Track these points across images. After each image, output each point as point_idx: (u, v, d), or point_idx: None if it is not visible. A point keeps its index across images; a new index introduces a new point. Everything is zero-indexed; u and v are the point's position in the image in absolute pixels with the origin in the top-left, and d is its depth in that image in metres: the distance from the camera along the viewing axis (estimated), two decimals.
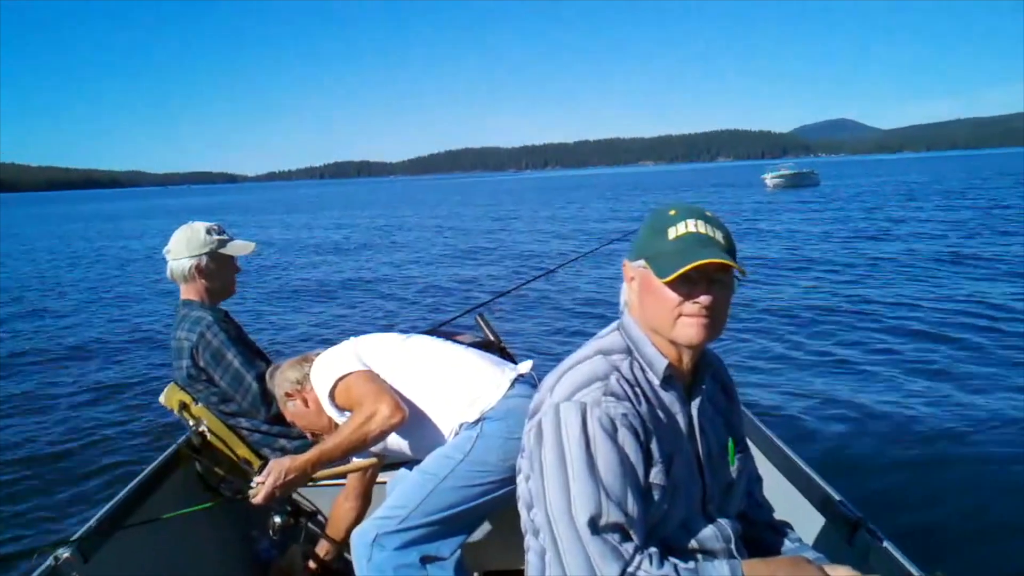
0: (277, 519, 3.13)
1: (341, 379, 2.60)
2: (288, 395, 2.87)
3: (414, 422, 2.55)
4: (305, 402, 2.81)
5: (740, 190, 57.65)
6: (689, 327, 1.68)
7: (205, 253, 3.41)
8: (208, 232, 3.44)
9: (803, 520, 2.62)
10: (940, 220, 26.07)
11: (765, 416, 5.00)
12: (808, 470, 2.84)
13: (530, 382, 2.61)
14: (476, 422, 2.49)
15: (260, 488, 2.60)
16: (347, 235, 32.65)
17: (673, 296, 1.66)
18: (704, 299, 1.65)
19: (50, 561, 2.34)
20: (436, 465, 2.48)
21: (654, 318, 1.72)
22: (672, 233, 1.68)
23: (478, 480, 2.44)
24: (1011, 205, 31.00)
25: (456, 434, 2.53)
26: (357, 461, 2.96)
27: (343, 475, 3.06)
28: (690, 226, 1.69)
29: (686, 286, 1.65)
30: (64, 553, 2.38)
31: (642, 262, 1.71)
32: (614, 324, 1.86)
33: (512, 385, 2.57)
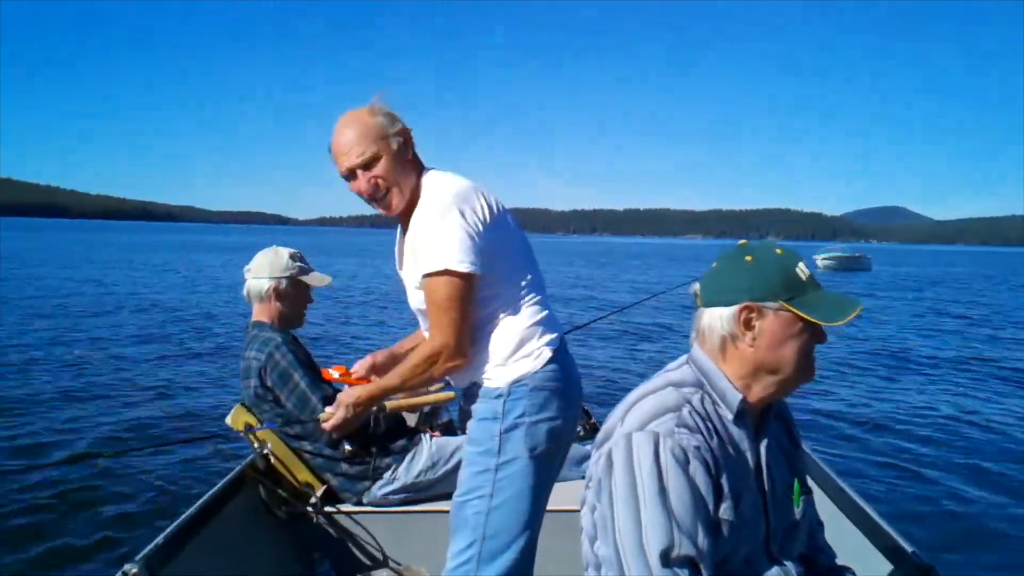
0: (348, 446, 3.29)
1: (442, 272, 2.28)
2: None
3: (478, 355, 2.43)
4: (406, 144, 2.46)
5: None
6: (812, 370, 1.74)
7: (285, 277, 3.47)
8: (292, 258, 3.52)
9: (868, 567, 2.58)
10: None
11: (831, 459, 4.95)
12: (874, 515, 2.79)
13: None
14: (511, 391, 2.40)
15: (331, 417, 2.69)
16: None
17: (813, 339, 1.70)
18: (823, 341, 1.72)
19: None
20: (477, 482, 2.41)
21: (787, 361, 1.70)
22: (802, 275, 1.70)
23: (520, 480, 2.39)
24: None
25: (500, 395, 2.41)
26: (427, 397, 3.19)
27: (415, 407, 3.20)
28: (806, 267, 1.72)
29: (819, 330, 1.70)
30: (132, 569, 2.40)
31: (778, 304, 1.68)
32: (683, 358, 1.85)
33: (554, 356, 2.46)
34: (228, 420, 3.48)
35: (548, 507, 2.53)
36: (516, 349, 2.41)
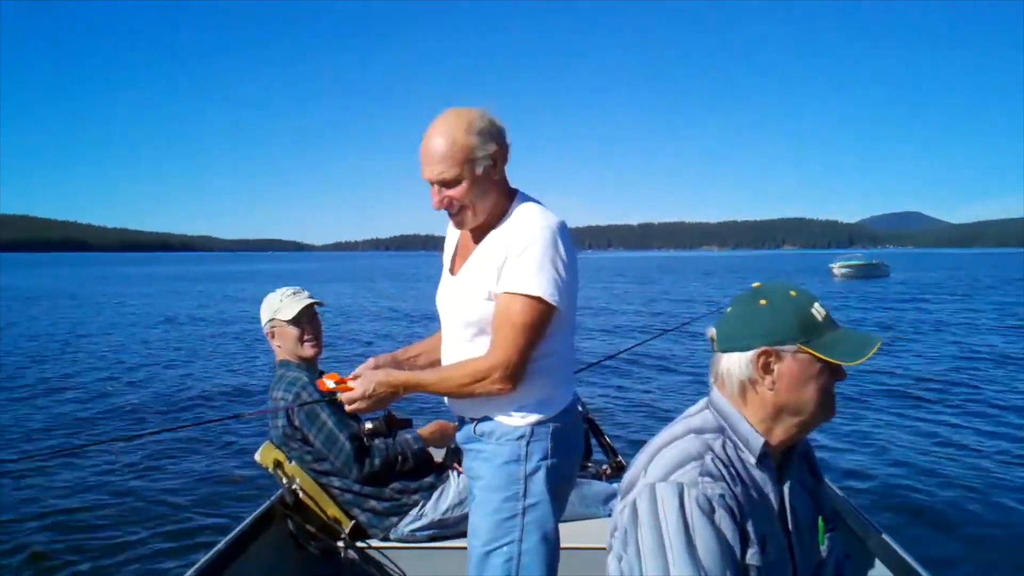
0: (368, 424, 3.24)
1: (532, 297, 2.25)
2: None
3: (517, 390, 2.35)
4: (495, 166, 2.35)
5: (807, 277, 56.95)
6: (833, 410, 1.74)
7: (271, 318, 3.54)
8: (281, 297, 3.55)
9: None
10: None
11: (851, 493, 4.94)
12: (902, 552, 2.78)
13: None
14: (533, 431, 2.37)
15: (348, 392, 2.43)
16: (415, 304, 32.84)
17: (832, 379, 1.70)
18: (842, 379, 1.72)
19: None
20: (505, 528, 2.36)
21: (808, 402, 1.71)
22: (818, 316, 1.71)
23: (546, 522, 2.38)
24: None
25: (523, 436, 2.37)
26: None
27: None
28: (822, 307, 1.72)
29: (838, 370, 1.70)
30: None
31: (795, 347, 1.69)
32: (702, 402, 1.84)
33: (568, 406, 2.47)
34: (257, 456, 3.52)
35: (573, 544, 2.53)
36: (546, 393, 2.38)
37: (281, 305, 3.51)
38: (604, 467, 4.02)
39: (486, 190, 2.34)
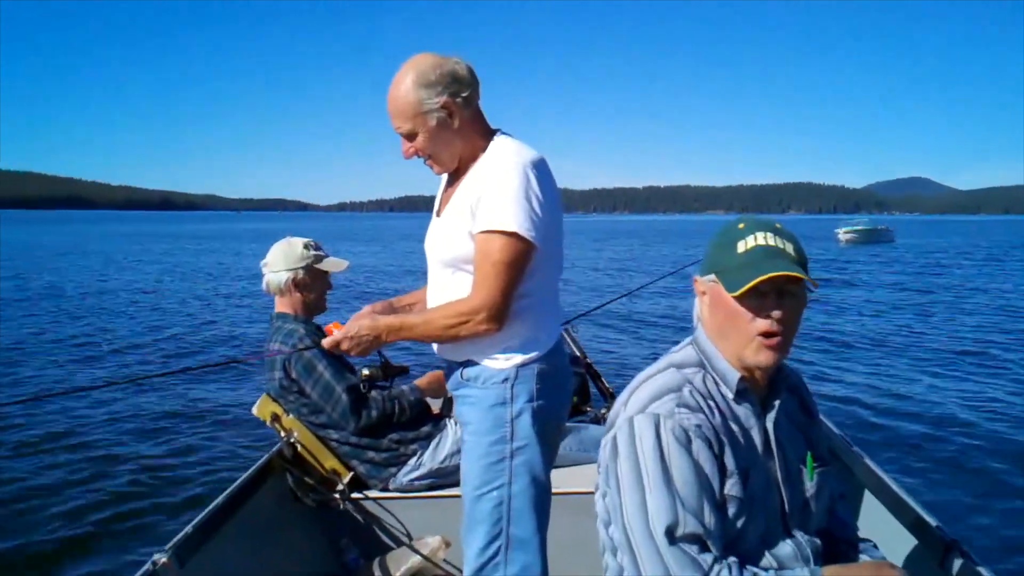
0: (365, 370, 3.29)
1: (508, 234, 2.21)
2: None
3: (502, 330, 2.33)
4: (451, 115, 2.33)
5: (812, 243, 56.91)
6: (760, 352, 1.68)
7: (302, 267, 3.49)
8: (306, 247, 3.53)
9: (891, 541, 2.56)
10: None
11: (853, 435, 4.97)
12: (897, 489, 2.77)
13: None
14: (517, 374, 2.35)
15: (331, 336, 2.43)
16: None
17: (744, 311, 1.66)
18: (776, 313, 1.64)
19: (148, 566, 2.40)
20: (494, 472, 2.36)
21: (725, 334, 1.72)
22: (742, 247, 1.68)
23: (535, 464, 2.37)
24: None
25: (507, 379, 2.36)
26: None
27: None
28: (759, 239, 1.68)
29: (756, 300, 1.64)
30: (161, 558, 2.43)
31: (711, 276, 1.71)
32: (688, 339, 1.86)
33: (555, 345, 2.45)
34: (255, 410, 3.52)
35: (566, 489, 2.52)
36: (529, 333, 2.37)
37: (310, 255, 3.51)
38: (603, 411, 4.04)
39: (447, 139, 2.35)
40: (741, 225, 1.73)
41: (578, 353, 4.31)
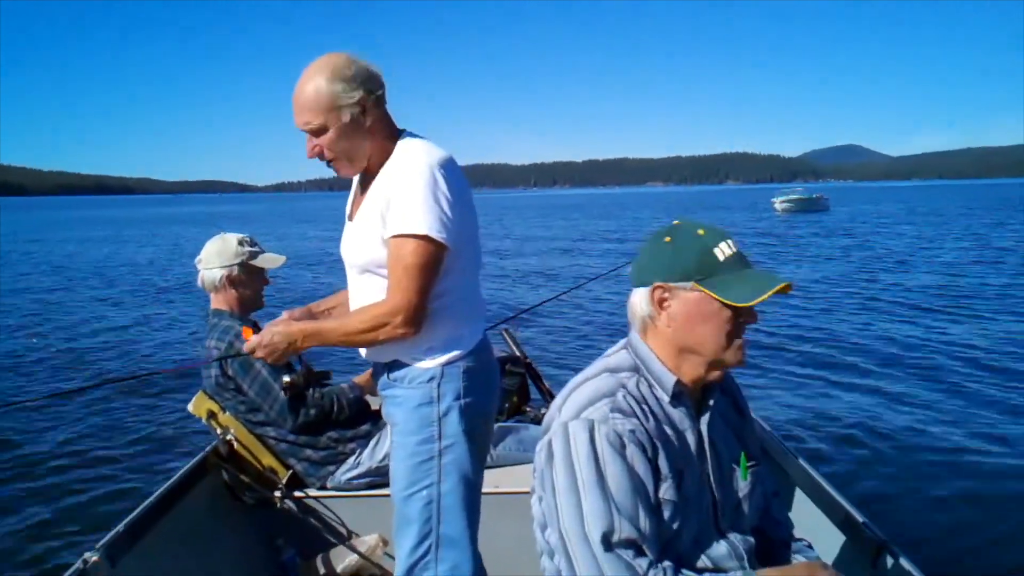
0: (286, 377, 3.23)
1: (419, 237, 2.20)
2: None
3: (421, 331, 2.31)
4: (364, 113, 2.31)
5: (749, 212, 57.59)
6: (738, 352, 1.72)
7: (236, 264, 3.45)
8: (240, 243, 3.49)
9: (824, 540, 2.60)
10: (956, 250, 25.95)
11: (785, 434, 5.01)
12: (830, 489, 2.80)
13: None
14: (443, 372, 2.35)
15: (246, 344, 2.40)
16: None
17: (734, 320, 1.69)
18: (753, 322, 1.71)
19: (78, 565, 2.37)
20: (422, 472, 2.35)
21: (703, 341, 1.71)
22: (720, 255, 1.69)
23: (463, 462, 2.36)
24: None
25: (433, 378, 2.36)
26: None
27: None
28: (731, 246, 1.71)
29: (743, 310, 1.67)
30: (92, 557, 2.40)
31: (691, 284, 1.69)
32: (622, 342, 1.86)
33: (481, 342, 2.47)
34: (190, 407, 3.48)
35: (506, 489, 2.52)
36: (451, 332, 2.37)
37: (244, 252, 3.46)
38: (542, 411, 4.05)
39: (356, 137, 2.32)
40: (701, 231, 1.73)
41: (518, 353, 4.31)
